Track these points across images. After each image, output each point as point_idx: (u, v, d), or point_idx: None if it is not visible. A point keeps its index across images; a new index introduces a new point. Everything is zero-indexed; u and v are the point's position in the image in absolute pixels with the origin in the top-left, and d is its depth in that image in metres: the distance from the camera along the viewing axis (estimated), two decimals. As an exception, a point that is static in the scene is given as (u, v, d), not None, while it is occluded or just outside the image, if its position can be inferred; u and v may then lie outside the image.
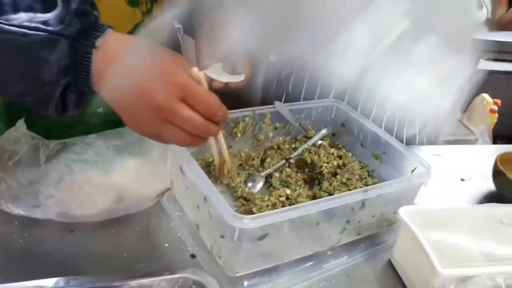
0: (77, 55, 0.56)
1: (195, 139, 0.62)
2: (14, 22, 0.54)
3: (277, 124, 0.95)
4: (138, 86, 0.57)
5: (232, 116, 0.89)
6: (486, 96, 2.29)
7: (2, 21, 0.54)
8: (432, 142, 1.21)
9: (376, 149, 0.89)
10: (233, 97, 0.79)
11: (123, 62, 0.57)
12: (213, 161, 0.85)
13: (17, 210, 0.72)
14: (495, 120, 2.27)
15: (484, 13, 2.35)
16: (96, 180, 0.74)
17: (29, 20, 0.55)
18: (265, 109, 0.93)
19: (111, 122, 0.84)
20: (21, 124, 0.80)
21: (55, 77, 0.56)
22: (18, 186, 0.72)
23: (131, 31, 0.88)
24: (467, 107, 2.29)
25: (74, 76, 0.57)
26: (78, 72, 0.57)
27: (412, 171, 0.80)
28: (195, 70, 0.63)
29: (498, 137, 2.31)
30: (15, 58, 0.56)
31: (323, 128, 0.98)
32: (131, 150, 0.78)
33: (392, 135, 0.88)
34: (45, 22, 0.55)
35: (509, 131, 2.39)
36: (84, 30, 0.57)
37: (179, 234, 0.77)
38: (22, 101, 0.61)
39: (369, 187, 0.73)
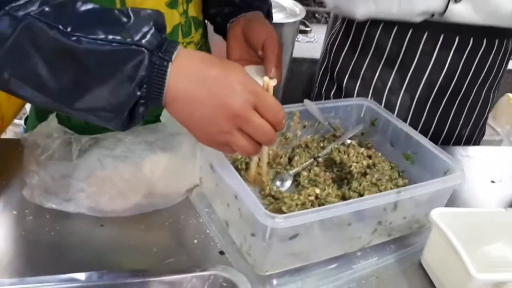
0: (154, 68, 0.56)
1: (258, 147, 0.63)
2: (94, 36, 0.54)
3: (306, 122, 0.94)
4: (215, 94, 0.58)
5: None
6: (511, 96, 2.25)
7: (82, 35, 0.54)
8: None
9: (407, 149, 0.88)
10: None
11: (197, 73, 0.58)
12: (242, 159, 0.84)
13: (49, 203, 0.73)
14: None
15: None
16: (127, 175, 0.75)
17: (108, 32, 0.55)
18: (294, 107, 0.92)
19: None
20: (52, 118, 0.81)
21: (132, 89, 0.56)
22: (50, 179, 0.73)
23: (171, 33, 0.89)
24: (492, 107, 2.26)
25: (149, 89, 0.57)
26: (153, 85, 0.57)
27: (445, 172, 0.79)
28: (266, 79, 0.63)
29: (524, 138, 2.27)
30: (96, 70, 0.55)
31: (353, 127, 0.96)
32: (161, 146, 0.78)
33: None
34: (125, 34, 0.55)
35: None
36: (161, 43, 0.58)
37: (208, 231, 0.77)
38: (88, 117, 0.60)
39: (402, 188, 0.72)
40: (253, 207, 0.63)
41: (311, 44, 3.17)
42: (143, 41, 0.55)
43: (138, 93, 0.56)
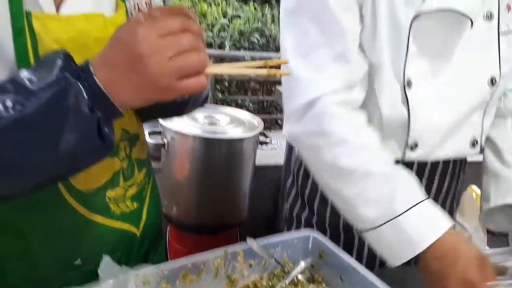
0: (89, 88, 0.64)
1: (202, 52, 0.66)
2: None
3: (252, 261, 0.91)
4: (131, 48, 0.64)
5: (201, 259, 0.85)
6: (475, 188, 2.26)
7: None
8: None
9: (356, 284, 0.84)
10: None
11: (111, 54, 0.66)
12: None
13: None
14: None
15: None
16: None
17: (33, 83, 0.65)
18: (237, 247, 0.89)
19: (90, 272, 0.84)
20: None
21: (87, 115, 0.65)
22: None
23: (110, 180, 0.89)
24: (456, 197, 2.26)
25: (99, 107, 0.65)
26: (101, 101, 0.65)
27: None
28: None
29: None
30: (49, 121, 0.64)
31: (301, 260, 0.93)
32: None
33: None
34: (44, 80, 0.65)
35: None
36: (79, 69, 0.66)
37: None
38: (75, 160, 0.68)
39: None
40: None
41: (274, 151, 3.23)
42: (66, 73, 0.64)
43: (97, 115, 0.65)
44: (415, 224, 0.91)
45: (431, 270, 0.92)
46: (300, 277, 0.91)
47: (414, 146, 1.04)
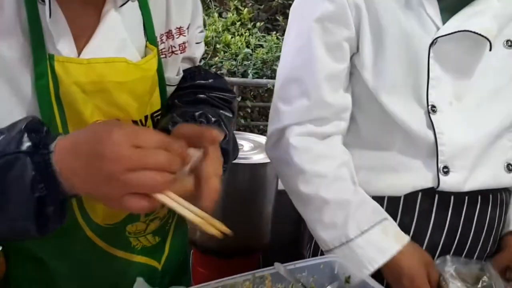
0: (38, 164, 0.62)
1: (164, 175, 0.61)
2: None
3: (279, 285, 0.93)
4: (90, 153, 0.62)
5: (231, 282, 0.88)
6: None
7: None
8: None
9: (383, 309, 0.86)
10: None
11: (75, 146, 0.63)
12: None
13: None
14: None
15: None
16: None
17: None
18: (265, 271, 0.91)
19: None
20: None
21: (29, 191, 0.61)
22: None
23: (130, 214, 0.91)
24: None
25: (43, 184, 0.62)
26: (45, 179, 0.62)
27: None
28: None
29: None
30: None
31: (328, 285, 0.95)
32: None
33: None
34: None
35: None
36: (38, 142, 0.63)
37: None
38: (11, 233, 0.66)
39: None
40: None
41: (296, 175, 3.23)
42: (21, 147, 0.62)
43: (36, 193, 0.61)
44: (364, 249, 1.00)
45: (385, 277, 1.05)
46: (326, 301, 0.92)
47: (445, 170, 1.05)
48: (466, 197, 1.09)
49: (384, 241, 1.02)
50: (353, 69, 1.11)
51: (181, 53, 0.95)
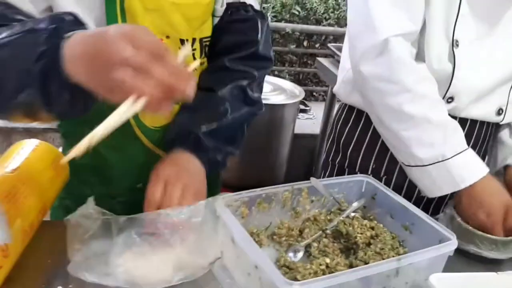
0: (51, 43, 0.67)
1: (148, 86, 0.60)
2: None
3: (313, 198, 1.05)
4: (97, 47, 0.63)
5: (273, 191, 1.00)
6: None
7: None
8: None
9: (405, 221, 0.98)
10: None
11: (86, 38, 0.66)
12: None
13: (91, 278, 0.82)
14: None
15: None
16: (159, 251, 0.85)
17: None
18: (302, 184, 1.04)
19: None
20: (90, 201, 0.91)
21: (33, 62, 0.66)
22: (93, 256, 0.83)
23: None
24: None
25: (49, 60, 0.66)
26: (52, 56, 0.66)
27: (440, 241, 0.88)
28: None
29: None
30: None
31: (355, 201, 1.07)
32: (188, 225, 0.89)
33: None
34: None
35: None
36: (60, 28, 0.69)
37: (230, 300, 0.86)
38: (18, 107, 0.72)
39: (401, 256, 0.82)
40: (273, 275, 0.73)
41: (310, 121, 3.35)
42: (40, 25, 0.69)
43: (39, 64, 0.66)
44: (458, 168, 1.08)
45: (462, 204, 1.11)
46: (353, 215, 1.05)
47: (449, 100, 1.18)
48: (456, 121, 1.20)
49: (478, 163, 1.11)
50: None
51: None
